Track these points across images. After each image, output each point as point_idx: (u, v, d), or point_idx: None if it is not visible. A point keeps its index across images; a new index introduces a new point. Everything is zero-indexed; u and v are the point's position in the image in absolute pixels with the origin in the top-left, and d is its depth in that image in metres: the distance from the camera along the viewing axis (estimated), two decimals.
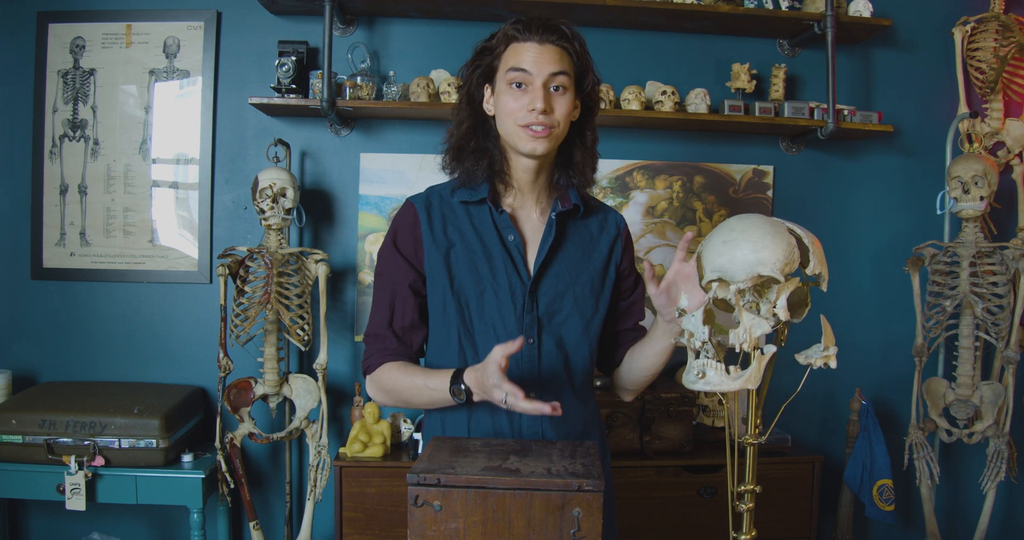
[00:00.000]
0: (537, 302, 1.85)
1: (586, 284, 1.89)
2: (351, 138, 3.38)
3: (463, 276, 1.84)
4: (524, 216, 1.91)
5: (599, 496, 1.35)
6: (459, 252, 1.85)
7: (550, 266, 1.87)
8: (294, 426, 3.15)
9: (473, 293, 1.84)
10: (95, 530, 3.15)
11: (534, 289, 1.84)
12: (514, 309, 1.83)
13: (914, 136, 3.64)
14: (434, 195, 1.91)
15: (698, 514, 3.11)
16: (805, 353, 1.46)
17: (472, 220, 1.87)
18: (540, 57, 1.75)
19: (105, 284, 3.36)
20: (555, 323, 1.86)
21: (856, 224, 3.64)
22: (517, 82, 1.76)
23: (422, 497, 1.36)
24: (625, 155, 3.47)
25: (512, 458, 1.47)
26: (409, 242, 1.87)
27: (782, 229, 1.44)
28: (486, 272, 1.84)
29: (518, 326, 1.83)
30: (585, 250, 1.92)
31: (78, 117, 3.32)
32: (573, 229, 1.92)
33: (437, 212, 1.88)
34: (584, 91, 1.85)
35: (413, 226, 1.87)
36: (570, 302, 1.87)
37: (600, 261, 1.93)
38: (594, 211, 1.98)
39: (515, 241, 1.85)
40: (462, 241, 1.86)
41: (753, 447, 1.54)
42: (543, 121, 1.75)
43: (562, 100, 1.77)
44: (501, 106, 1.79)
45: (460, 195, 1.87)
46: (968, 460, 3.71)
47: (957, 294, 3.15)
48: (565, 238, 1.91)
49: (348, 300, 3.42)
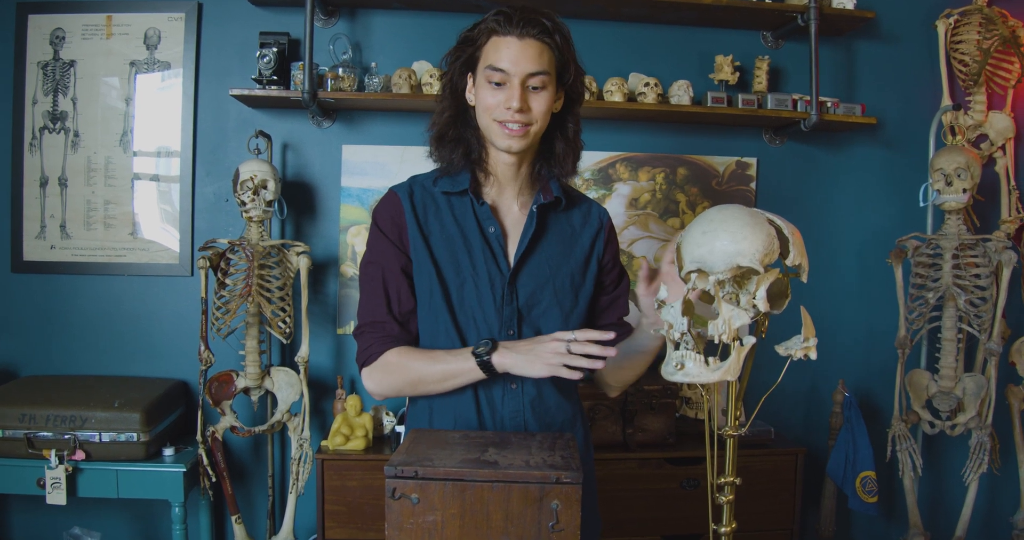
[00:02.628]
0: (517, 294, 1.84)
1: (566, 277, 1.88)
2: (333, 130, 3.37)
3: (445, 266, 1.83)
4: (505, 208, 1.90)
5: (577, 488, 1.34)
6: (440, 242, 1.84)
7: (530, 258, 1.86)
8: (276, 419, 3.14)
9: (454, 284, 1.83)
10: (76, 524, 3.13)
11: (513, 281, 1.83)
12: (494, 300, 1.82)
13: (897, 128, 3.64)
14: (416, 185, 1.90)
15: (681, 506, 3.12)
16: (785, 344, 1.46)
17: (453, 210, 1.87)
18: (519, 55, 1.73)
19: (86, 277, 3.34)
20: (534, 315, 1.85)
21: (839, 216, 3.64)
22: (495, 80, 1.75)
23: (399, 490, 1.35)
24: (608, 147, 3.46)
25: (491, 450, 1.46)
26: (394, 229, 1.85)
27: (761, 220, 1.43)
28: (466, 263, 1.83)
29: (498, 318, 1.82)
30: (566, 243, 1.91)
31: (58, 109, 3.29)
32: (555, 222, 1.91)
33: (419, 201, 1.87)
34: (566, 83, 1.83)
35: (397, 214, 1.86)
36: (549, 295, 1.86)
37: (582, 255, 1.92)
38: (577, 204, 1.97)
39: (495, 233, 1.85)
40: (443, 232, 1.85)
41: (733, 439, 1.54)
42: (519, 119, 1.75)
43: (540, 97, 1.77)
44: (480, 100, 1.79)
45: (442, 185, 1.87)
46: (951, 452, 3.72)
47: (940, 286, 3.15)
48: (546, 230, 1.90)
49: (330, 293, 3.40)
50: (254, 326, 3.06)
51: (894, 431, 3.29)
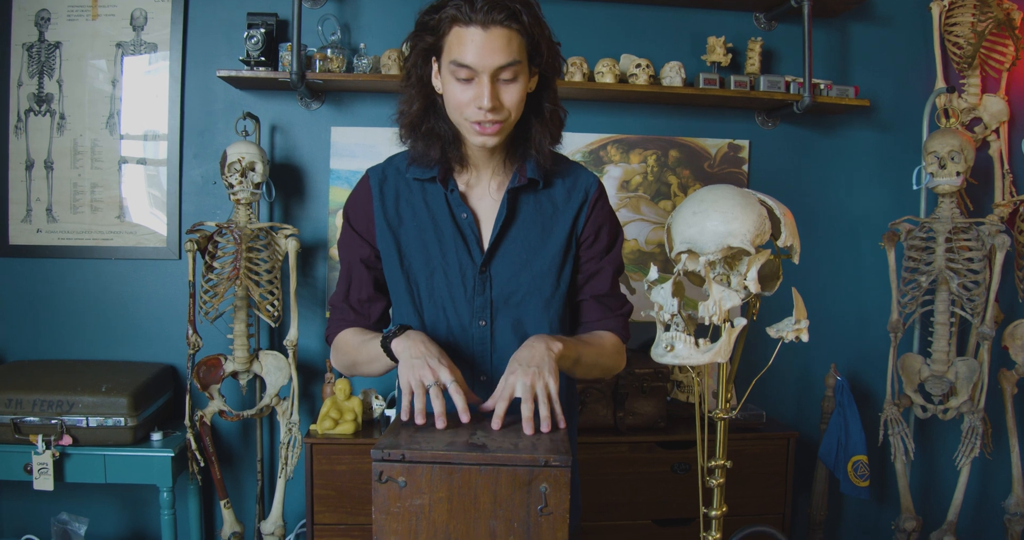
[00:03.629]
0: (490, 283, 1.79)
1: (544, 261, 1.80)
2: (321, 112, 3.33)
3: (412, 255, 1.80)
4: (479, 193, 1.83)
5: (566, 471, 1.33)
6: (410, 229, 1.80)
7: (503, 244, 1.79)
8: (264, 403, 3.12)
9: (423, 273, 1.79)
10: (64, 510, 3.11)
11: (484, 269, 1.78)
12: (464, 291, 1.78)
13: (891, 111, 3.62)
14: (391, 168, 1.85)
15: (672, 490, 3.11)
16: (776, 326, 1.46)
17: (425, 196, 1.81)
18: (485, 47, 1.58)
19: (72, 261, 3.31)
20: (511, 304, 1.80)
21: (832, 199, 3.62)
22: (462, 77, 1.62)
23: (386, 473, 1.34)
24: (599, 129, 3.44)
25: (479, 433, 1.45)
26: (361, 218, 1.83)
27: (753, 200, 1.43)
28: (436, 252, 1.79)
29: (468, 308, 1.79)
30: (545, 225, 1.82)
31: (44, 91, 3.26)
32: (534, 203, 1.82)
33: (391, 187, 1.83)
34: (540, 63, 1.69)
35: (365, 201, 1.83)
36: (527, 281, 1.79)
37: (562, 235, 1.82)
38: (562, 177, 1.85)
39: (468, 219, 1.79)
40: (414, 219, 1.80)
41: (724, 422, 1.55)
42: (491, 118, 1.64)
43: (512, 88, 1.64)
44: (448, 95, 1.67)
45: (413, 172, 1.80)
46: (943, 436, 3.72)
47: (933, 270, 3.13)
48: (522, 214, 1.81)
49: (319, 276, 3.38)
50: (242, 309, 3.04)
51: (886, 415, 3.29)
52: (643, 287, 1.55)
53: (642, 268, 3.43)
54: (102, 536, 3.33)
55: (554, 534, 1.34)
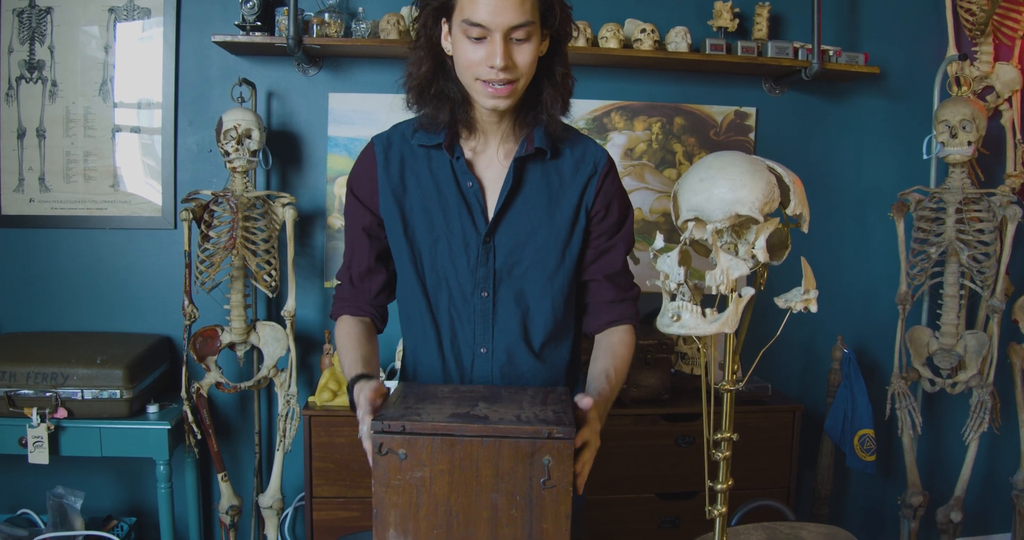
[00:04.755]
0: (494, 253, 1.75)
1: (550, 234, 1.77)
2: (319, 78, 3.28)
3: (416, 223, 1.77)
4: (486, 161, 1.79)
5: (569, 444, 1.30)
6: (414, 198, 1.77)
7: (509, 215, 1.76)
8: (262, 375, 3.09)
9: (426, 242, 1.76)
10: (59, 484, 3.07)
11: (488, 239, 1.75)
12: (467, 261, 1.75)
13: (901, 78, 3.56)
14: (396, 134, 1.82)
15: (676, 463, 3.08)
16: (785, 296, 1.42)
17: (431, 164, 1.78)
18: (498, 5, 1.55)
19: (66, 231, 3.26)
20: (515, 275, 1.77)
21: (840, 168, 3.58)
22: (474, 35, 1.59)
23: (387, 445, 1.31)
24: (603, 95, 3.38)
25: (481, 405, 1.42)
26: (365, 186, 1.80)
27: (762, 167, 1.39)
28: (440, 220, 1.75)
29: (471, 278, 1.76)
30: (552, 196, 1.79)
31: (35, 58, 3.19)
32: (541, 173, 1.79)
33: (396, 154, 1.79)
34: (552, 26, 1.66)
35: (370, 169, 1.80)
36: (531, 253, 1.76)
37: (569, 207, 1.79)
38: (571, 148, 1.81)
39: (473, 188, 1.75)
40: (419, 187, 1.77)
41: (730, 394, 1.51)
42: (504, 78, 1.60)
43: (525, 49, 1.61)
44: (459, 55, 1.64)
45: (419, 138, 1.76)
46: (951, 410, 3.70)
47: (942, 241, 3.10)
48: (529, 184, 1.78)
49: (317, 245, 3.34)
50: (239, 280, 3.00)
51: (893, 389, 3.26)
52: (648, 256, 1.51)
53: (646, 237, 3.39)
54: (98, 510, 3.31)
55: (557, 507, 1.32)
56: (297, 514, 3.42)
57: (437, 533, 1.33)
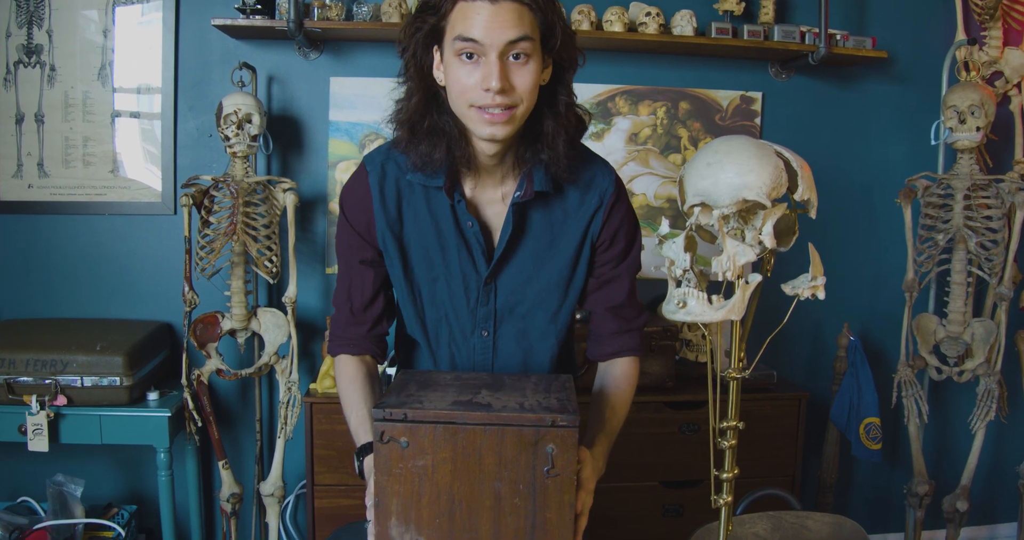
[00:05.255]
0: (495, 294, 1.71)
1: (552, 272, 1.71)
2: (320, 61, 3.25)
3: (415, 261, 1.71)
4: (486, 200, 1.69)
5: (574, 432, 1.28)
6: (412, 234, 1.69)
7: (511, 257, 1.69)
8: (263, 362, 3.07)
9: (425, 280, 1.71)
10: (59, 471, 3.06)
11: (490, 281, 1.69)
12: (467, 302, 1.71)
13: (909, 63, 3.53)
14: (390, 164, 1.69)
15: (680, 451, 3.07)
16: (792, 283, 1.42)
17: (428, 201, 1.67)
18: (493, 21, 1.42)
19: (65, 217, 3.24)
20: (517, 315, 1.72)
21: (847, 154, 3.55)
22: (467, 53, 1.46)
23: (388, 433, 1.29)
24: (607, 79, 3.35)
25: (484, 392, 1.40)
26: (361, 218, 1.71)
27: (769, 152, 1.38)
28: (438, 260, 1.69)
29: (471, 318, 1.72)
30: (555, 233, 1.70)
31: (33, 42, 3.16)
32: (543, 212, 1.69)
33: (391, 186, 1.68)
34: (553, 49, 1.52)
35: (364, 198, 1.69)
36: (533, 294, 1.71)
37: (572, 244, 1.71)
38: (576, 179, 1.69)
39: (474, 229, 1.66)
40: (415, 222, 1.69)
41: (736, 382, 1.50)
42: (501, 102, 1.46)
43: (525, 71, 1.47)
44: (451, 81, 1.51)
45: (415, 177, 1.65)
46: (957, 399, 3.69)
47: (950, 228, 3.07)
48: (532, 225, 1.69)
49: (318, 231, 3.31)
50: (240, 266, 2.98)
51: (900, 377, 3.23)
52: (653, 242, 1.49)
53: (651, 223, 3.36)
54: (98, 498, 3.29)
55: (561, 496, 1.31)
56: (299, 502, 3.41)
57: (439, 522, 1.32)
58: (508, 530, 1.32)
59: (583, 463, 1.43)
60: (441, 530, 1.32)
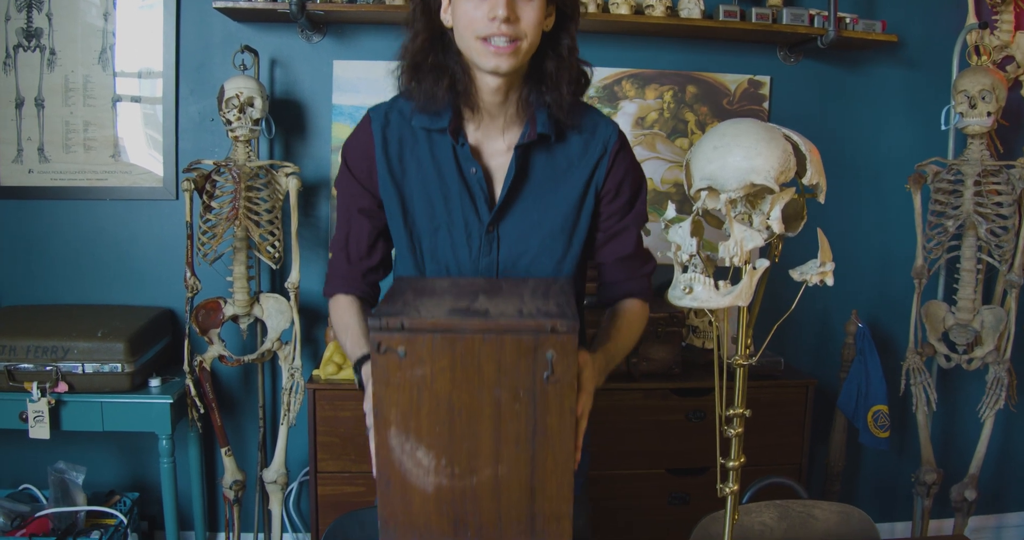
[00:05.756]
0: (497, 243, 1.69)
1: (556, 220, 1.70)
2: (323, 44, 3.21)
3: (416, 210, 1.69)
4: (490, 145, 1.71)
5: (573, 337, 1.26)
6: (414, 182, 1.69)
7: (514, 204, 1.69)
8: (266, 348, 3.05)
9: (426, 230, 1.69)
10: (61, 459, 3.05)
11: (492, 229, 1.68)
12: (469, 251, 1.69)
13: (919, 47, 3.48)
14: (394, 113, 1.72)
15: (686, 438, 3.04)
16: (800, 269, 1.40)
17: (432, 147, 1.69)
18: None
19: (66, 202, 3.22)
20: (520, 267, 1.71)
21: (856, 139, 3.51)
22: None
23: (385, 343, 1.26)
24: (613, 63, 3.32)
25: (481, 298, 1.37)
26: (362, 165, 1.71)
27: (777, 135, 1.36)
28: (441, 208, 1.68)
29: (473, 268, 1.70)
30: (558, 180, 1.72)
31: (33, 25, 3.14)
32: (546, 159, 1.71)
33: (395, 133, 1.70)
34: None
35: (366, 146, 1.70)
36: (536, 243, 1.69)
37: (577, 190, 1.72)
38: (579, 128, 1.72)
39: (477, 175, 1.67)
40: (418, 170, 1.69)
41: (743, 369, 1.48)
42: (507, 32, 1.50)
43: (530, 6, 1.52)
44: (459, 16, 1.55)
45: (419, 120, 1.67)
46: (966, 387, 3.66)
47: (960, 214, 3.05)
48: (534, 171, 1.71)
49: (321, 216, 3.29)
50: (242, 251, 2.96)
51: (908, 364, 3.21)
52: (659, 227, 1.48)
53: (657, 208, 3.33)
54: (100, 485, 3.28)
55: (561, 402, 1.29)
56: (302, 489, 3.40)
57: (439, 431, 1.30)
58: (509, 436, 1.30)
59: (583, 366, 1.41)
60: (441, 438, 1.30)
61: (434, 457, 1.30)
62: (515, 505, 1.33)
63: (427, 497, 1.32)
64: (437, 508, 1.32)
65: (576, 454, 1.31)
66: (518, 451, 1.30)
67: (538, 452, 1.30)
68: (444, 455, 1.30)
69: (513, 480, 1.31)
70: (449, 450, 1.30)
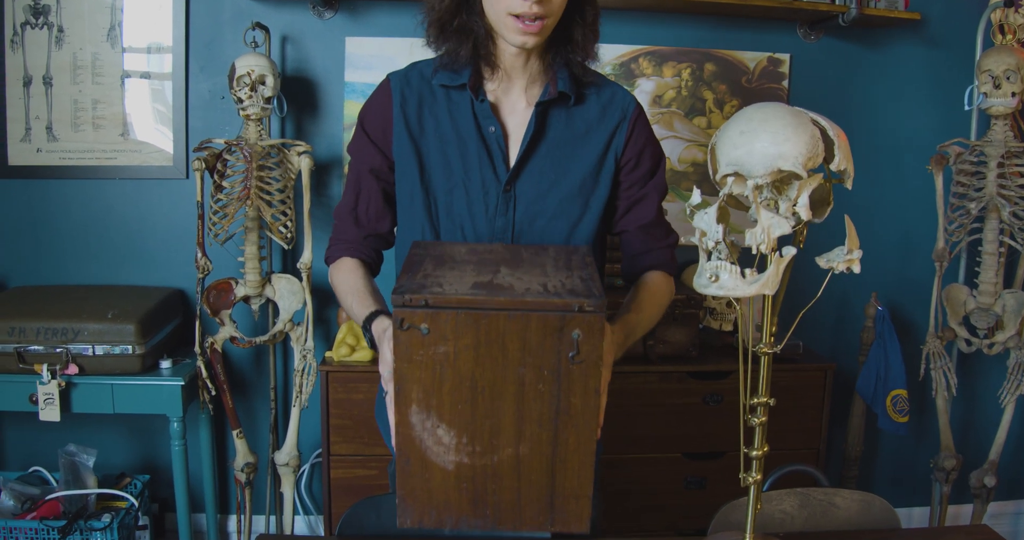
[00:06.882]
0: (514, 203, 1.69)
1: (573, 182, 1.72)
2: (335, 21, 3.17)
3: (433, 168, 1.69)
4: (509, 105, 1.73)
5: (600, 317, 1.24)
6: (431, 141, 1.69)
7: (531, 162, 1.70)
8: (278, 329, 3.03)
9: (442, 188, 1.69)
10: (71, 441, 3.04)
11: (509, 188, 1.68)
12: (485, 210, 1.69)
13: (942, 25, 3.43)
14: (414, 73, 1.74)
15: (703, 422, 3.01)
16: (827, 256, 1.38)
17: (450, 106, 1.71)
18: None
19: (75, 181, 3.19)
20: (536, 227, 1.70)
21: (877, 119, 3.46)
22: None
23: (408, 320, 1.24)
24: (630, 40, 3.27)
25: (503, 270, 1.36)
26: (378, 124, 1.73)
27: (805, 120, 1.33)
28: (458, 166, 1.68)
29: (489, 228, 1.69)
30: (578, 143, 1.73)
31: (40, 3, 3.10)
32: (565, 120, 1.73)
33: (414, 93, 1.72)
34: None
35: (385, 106, 1.72)
36: (553, 203, 1.70)
37: (594, 153, 1.73)
38: (597, 93, 1.76)
39: (496, 133, 1.69)
40: (436, 130, 1.70)
41: (767, 357, 1.46)
42: (538, 12, 1.53)
43: None
44: None
45: (440, 78, 1.69)
46: (987, 372, 3.63)
47: (983, 196, 3.01)
48: (553, 130, 1.72)
49: (334, 195, 3.26)
50: (253, 231, 2.93)
51: (928, 348, 3.19)
52: (678, 208, 1.45)
53: (675, 188, 3.28)
54: (111, 467, 3.28)
55: (586, 382, 1.27)
56: (314, 472, 3.39)
57: (461, 408, 1.29)
58: (532, 415, 1.29)
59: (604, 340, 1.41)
60: (463, 416, 1.29)
61: (455, 435, 1.29)
62: (535, 484, 1.32)
63: (447, 475, 1.31)
64: (456, 486, 1.32)
65: (597, 432, 1.30)
66: (540, 430, 1.29)
67: (560, 431, 1.29)
68: (465, 433, 1.29)
69: (534, 459, 1.31)
70: (471, 428, 1.29)
